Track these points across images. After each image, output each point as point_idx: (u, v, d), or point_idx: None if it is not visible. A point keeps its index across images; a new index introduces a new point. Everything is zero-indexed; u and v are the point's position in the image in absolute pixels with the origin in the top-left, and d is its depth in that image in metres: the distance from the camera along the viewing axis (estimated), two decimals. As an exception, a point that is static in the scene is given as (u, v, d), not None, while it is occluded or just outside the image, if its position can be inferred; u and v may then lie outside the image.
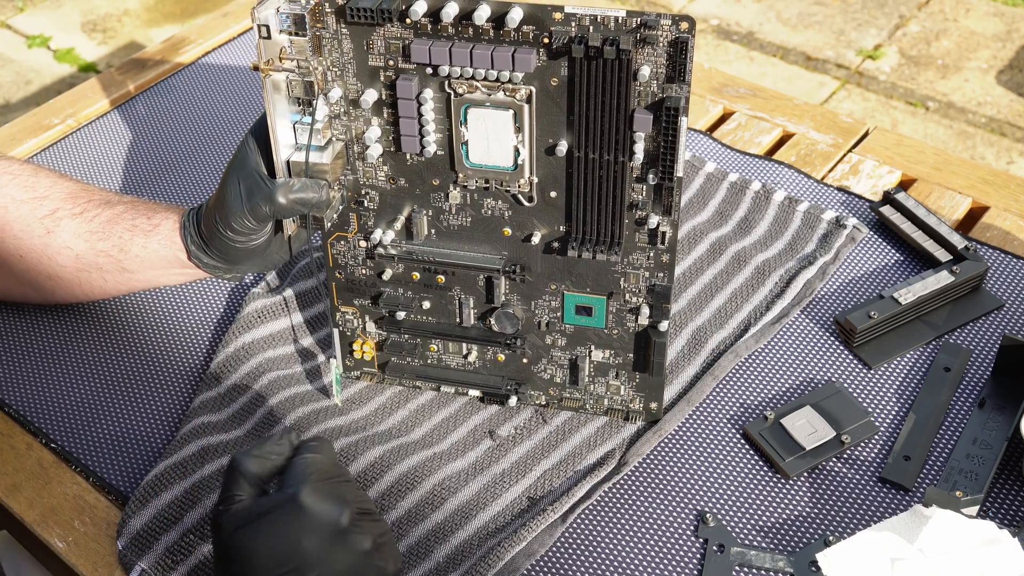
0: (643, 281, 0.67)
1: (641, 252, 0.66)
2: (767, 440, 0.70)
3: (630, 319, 0.69)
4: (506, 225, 0.67)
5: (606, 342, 0.70)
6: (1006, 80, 2.31)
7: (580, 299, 0.68)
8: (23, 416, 0.78)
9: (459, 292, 0.71)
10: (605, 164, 0.62)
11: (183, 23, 2.65)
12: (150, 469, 0.72)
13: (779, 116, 1.01)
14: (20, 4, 2.80)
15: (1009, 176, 0.92)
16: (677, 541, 0.66)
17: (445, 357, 0.74)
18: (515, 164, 0.64)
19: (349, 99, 0.64)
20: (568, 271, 0.68)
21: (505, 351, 0.72)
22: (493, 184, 0.65)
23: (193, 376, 0.79)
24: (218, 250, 0.71)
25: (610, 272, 0.67)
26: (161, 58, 1.16)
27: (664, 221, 0.64)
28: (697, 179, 0.92)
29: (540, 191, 0.65)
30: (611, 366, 0.71)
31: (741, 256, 0.84)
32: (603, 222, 0.64)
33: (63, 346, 0.82)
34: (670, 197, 0.63)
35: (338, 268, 0.72)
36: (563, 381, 0.73)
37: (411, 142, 0.64)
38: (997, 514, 0.66)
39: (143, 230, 0.74)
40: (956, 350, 0.76)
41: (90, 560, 0.69)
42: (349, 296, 0.73)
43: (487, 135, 0.63)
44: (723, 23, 2.56)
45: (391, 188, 0.68)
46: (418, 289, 0.71)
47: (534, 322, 0.71)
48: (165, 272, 0.75)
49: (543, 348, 0.72)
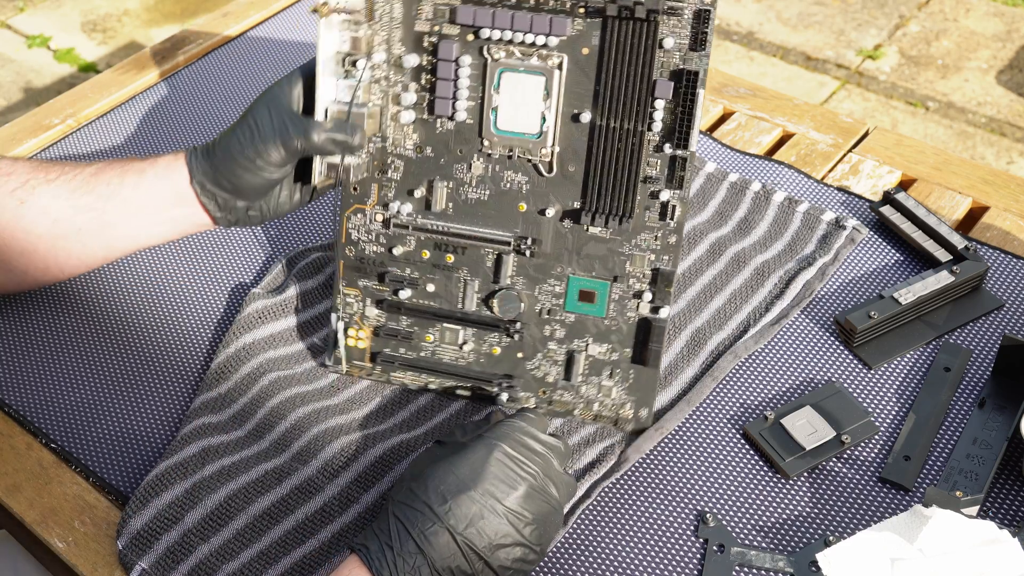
0: (648, 265, 0.68)
1: (649, 233, 0.67)
2: (767, 440, 0.70)
3: (631, 306, 0.69)
4: (523, 199, 0.69)
5: (604, 334, 0.70)
6: (1006, 80, 2.31)
7: (585, 283, 0.69)
8: (23, 416, 0.78)
9: (466, 273, 0.71)
10: (625, 133, 0.66)
11: (183, 23, 2.64)
12: (150, 469, 0.72)
13: (779, 116, 1.01)
14: (20, 4, 2.80)
15: (1009, 176, 0.92)
16: (677, 541, 0.66)
17: (439, 349, 0.74)
18: (540, 131, 0.67)
19: (392, 63, 0.69)
20: (577, 251, 0.69)
21: (503, 339, 0.72)
22: (516, 152, 0.68)
23: (193, 376, 0.79)
24: (228, 177, 0.69)
25: (617, 255, 0.68)
26: (161, 58, 1.16)
27: (675, 196, 0.66)
28: (697, 179, 0.92)
29: (560, 163, 0.68)
30: (606, 363, 0.71)
31: (741, 257, 0.84)
32: (617, 194, 0.67)
33: (63, 346, 0.82)
34: (683, 171, 0.66)
35: (350, 244, 0.73)
36: (555, 380, 0.72)
37: (444, 104, 0.68)
38: (997, 514, 0.66)
39: (136, 170, 0.73)
40: (956, 350, 0.76)
41: (90, 560, 0.69)
42: (355, 276, 0.73)
43: (517, 100, 0.67)
44: (723, 23, 2.56)
45: (416, 157, 0.70)
46: (426, 269, 0.72)
47: (535, 310, 0.71)
48: (154, 218, 0.73)
49: (540, 341, 0.72)
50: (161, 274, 0.88)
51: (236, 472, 0.70)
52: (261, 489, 0.70)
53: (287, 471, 0.71)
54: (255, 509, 0.69)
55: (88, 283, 0.88)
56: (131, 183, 0.73)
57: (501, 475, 0.59)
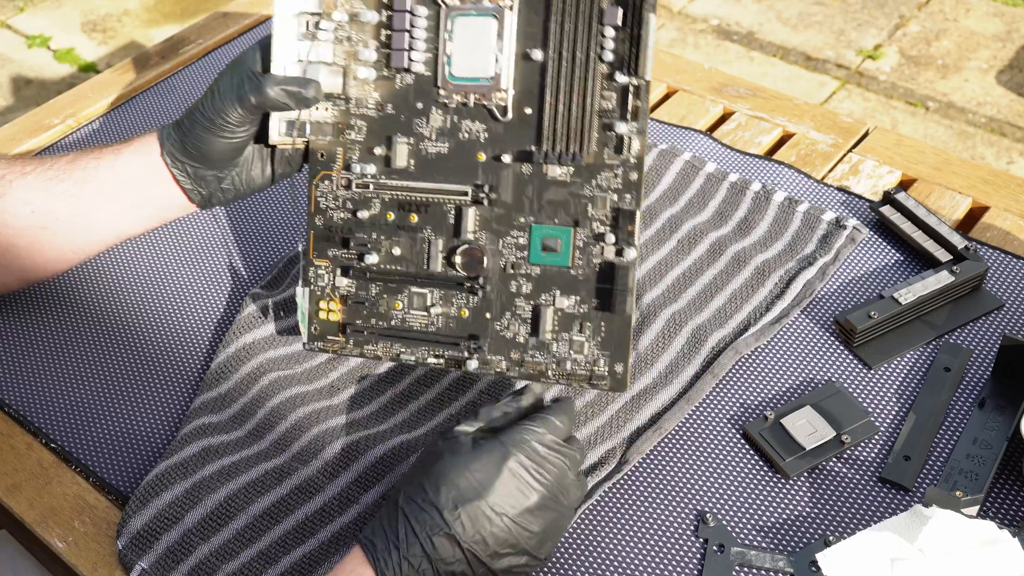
0: (610, 205, 0.67)
1: (609, 171, 0.66)
2: (767, 440, 0.70)
3: (596, 252, 0.67)
4: (481, 149, 0.68)
5: (572, 285, 0.68)
6: (1006, 80, 2.31)
7: (547, 231, 0.68)
8: (23, 416, 0.78)
9: (429, 232, 0.70)
10: (576, 66, 0.65)
11: (183, 23, 2.65)
12: (150, 469, 0.72)
13: (779, 116, 1.01)
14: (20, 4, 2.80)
15: (1009, 176, 0.92)
16: (677, 541, 0.66)
17: (409, 316, 0.72)
18: (494, 74, 0.67)
19: (353, 21, 0.69)
20: (538, 198, 0.68)
21: (470, 300, 0.70)
22: (472, 98, 0.68)
23: (193, 376, 0.79)
24: (194, 143, 0.70)
25: (578, 198, 0.67)
26: (161, 58, 1.16)
27: (632, 129, 0.65)
28: (697, 179, 0.92)
29: (516, 106, 0.67)
30: (576, 316, 0.68)
31: (741, 257, 0.84)
32: (572, 129, 0.66)
33: (63, 346, 0.82)
34: (637, 100, 0.65)
35: (319, 213, 0.73)
36: (525, 340, 0.70)
37: (400, 56, 0.69)
38: (997, 514, 0.66)
39: (112, 151, 0.74)
40: (956, 350, 0.76)
41: (90, 560, 0.69)
42: (324, 247, 0.73)
43: (471, 44, 0.68)
44: (723, 23, 2.56)
45: (379, 116, 0.70)
46: (391, 231, 0.71)
47: (500, 265, 0.69)
48: (131, 198, 0.73)
49: (507, 298, 0.70)
50: (161, 274, 0.88)
51: (236, 472, 0.70)
52: (261, 489, 0.70)
53: (287, 471, 0.71)
54: (255, 509, 0.69)
55: (88, 283, 0.88)
56: (107, 165, 0.73)
57: (513, 485, 0.59)
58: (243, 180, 0.73)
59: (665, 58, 1.11)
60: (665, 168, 0.92)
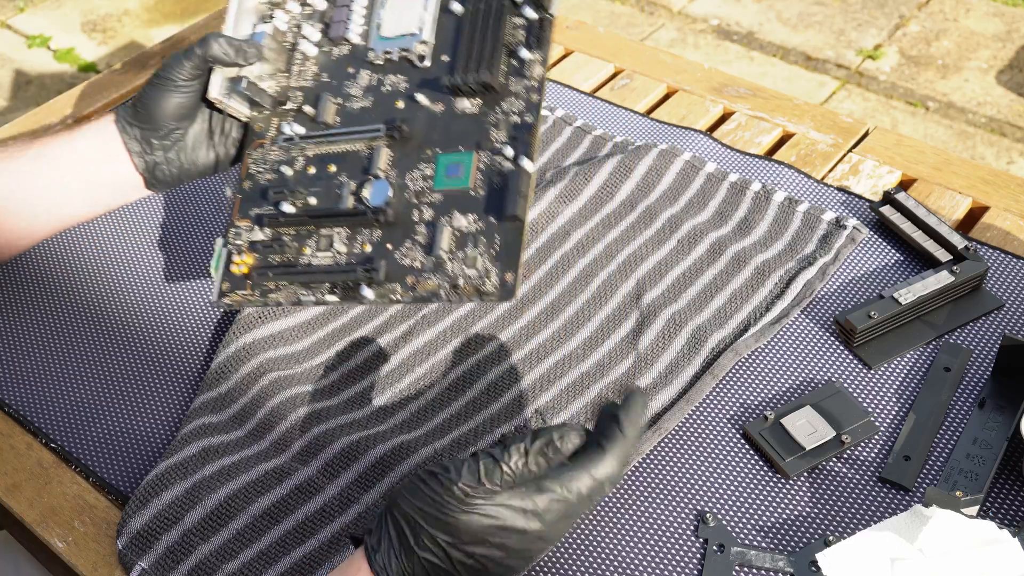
0: (511, 128, 0.69)
1: (514, 97, 0.70)
2: (767, 440, 0.70)
3: (495, 168, 0.69)
4: (401, 98, 0.73)
5: (470, 204, 0.69)
6: (1006, 80, 2.31)
7: (451, 157, 0.71)
8: (23, 416, 0.78)
9: (345, 177, 0.73)
10: (489, 10, 0.72)
11: (183, 23, 2.64)
12: (150, 469, 0.72)
13: (779, 116, 1.01)
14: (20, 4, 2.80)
15: (1009, 176, 0.92)
16: (677, 541, 0.66)
17: (315, 259, 0.72)
18: (418, 30, 0.74)
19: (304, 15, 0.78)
20: (445, 130, 0.71)
21: (374, 233, 0.71)
22: (396, 53, 0.74)
23: (193, 376, 0.79)
24: (144, 101, 0.74)
25: (482, 124, 0.71)
26: (161, 58, 1.16)
27: (536, 56, 0.70)
28: (697, 179, 0.92)
29: (434, 54, 0.73)
30: (471, 234, 0.68)
31: (741, 256, 0.84)
32: (483, 60, 0.71)
33: (63, 346, 0.82)
34: (541, 30, 0.70)
35: (248, 178, 0.76)
36: (421, 266, 0.70)
37: (339, 26, 0.77)
38: (997, 514, 0.66)
39: (70, 128, 0.76)
40: (956, 350, 0.76)
41: (90, 560, 0.69)
42: (248, 207, 0.76)
43: (399, 10, 0.75)
44: (723, 23, 2.56)
45: (314, 84, 0.77)
46: (310, 183, 0.74)
47: (405, 196, 0.71)
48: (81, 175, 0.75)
49: (408, 226, 0.70)
50: (162, 274, 0.88)
51: (236, 472, 0.71)
52: (261, 489, 0.70)
53: (287, 471, 0.71)
54: (255, 509, 0.69)
55: (88, 283, 0.88)
56: (63, 140, 0.75)
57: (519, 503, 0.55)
58: (187, 156, 0.77)
59: (665, 58, 1.11)
60: (665, 168, 0.92)
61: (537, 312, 0.82)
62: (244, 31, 0.78)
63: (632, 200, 0.90)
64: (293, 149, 0.75)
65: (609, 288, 0.83)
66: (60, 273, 0.89)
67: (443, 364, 0.78)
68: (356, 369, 0.78)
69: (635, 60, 1.11)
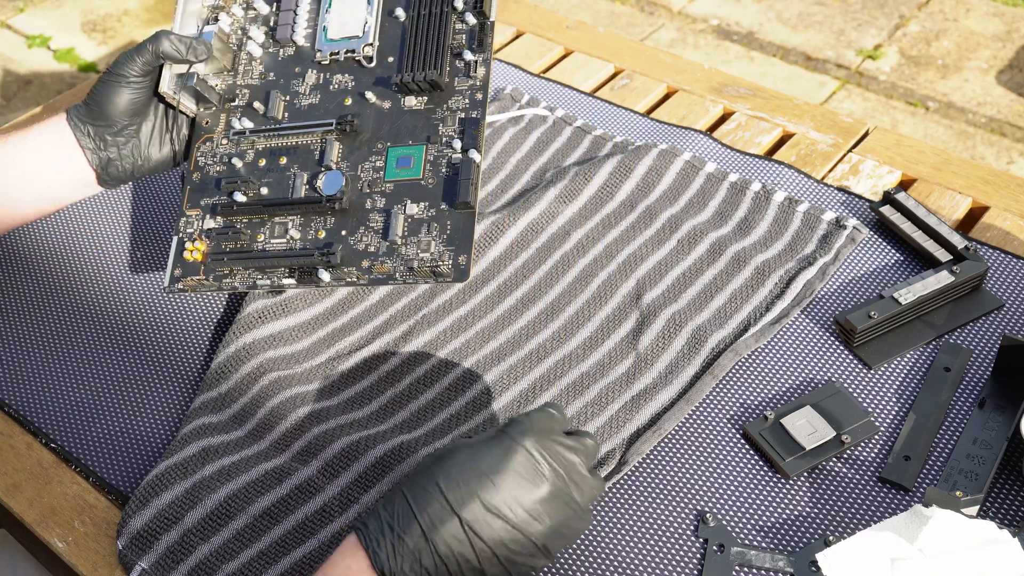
0: (459, 120, 0.74)
1: (459, 96, 0.74)
2: (767, 440, 0.70)
3: (443, 160, 0.74)
4: (349, 95, 0.77)
5: (422, 193, 0.74)
6: (1006, 80, 2.31)
7: (401, 151, 0.75)
8: (23, 416, 0.78)
9: (296, 169, 0.77)
10: (434, 17, 0.76)
11: (183, 23, 2.64)
12: (150, 469, 0.72)
13: (779, 116, 1.01)
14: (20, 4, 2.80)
15: (1009, 176, 0.92)
16: (677, 541, 0.66)
17: (269, 245, 0.75)
18: (363, 32, 0.78)
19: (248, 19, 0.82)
20: (395, 126, 0.75)
21: (328, 221, 0.75)
22: (343, 53, 0.78)
23: (193, 376, 0.79)
24: (96, 98, 0.76)
25: (430, 120, 0.75)
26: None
27: (480, 58, 0.75)
28: (697, 179, 0.92)
29: (380, 55, 0.78)
30: (424, 220, 0.73)
31: (741, 256, 0.84)
32: (428, 62, 0.76)
33: (63, 346, 0.82)
34: (484, 35, 0.76)
35: (197, 170, 0.79)
36: (376, 249, 0.73)
37: (285, 29, 0.80)
38: (997, 514, 0.66)
39: (25, 127, 0.78)
40: (956, 350, 0.76)
41: (90, 560, 0.69)
42: (198, 197, 0.79)
43: (345, 12, 0.79)
44: (723, 23, 2.56)
45: (261, 83, 0.80)
46: (261, 175, 0.77)
47: (358, 186, 0.75)
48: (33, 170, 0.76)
49: (362, 213, 0.74)
50: (161, 274, 0.88)
51: (236, 472, 0.71)
52: (261, 489, 0.70)
53: (287, 471, 0.71)
54: (255, 509, 0.69)
55: (88, 283, 0.88)
56: (16, 139, 0.77)
57: (525, 473, 0.57)
58: (140, 152, 0.79)
59: (665, 58, 1.11)
60: (665, 168, 0.92)
61: (537, 312, 0.82)
62: (190, 32, 0.81)
63: (632, 200, 0.90)
64: (243, 143, 0.78)
65: (609, 288, 0.83)
66: (60, 273, 0.89)
67: (443, 364, 0.78)
68: (356, 369, 0.78)
69: (635, 60, 1.11)
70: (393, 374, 0.78)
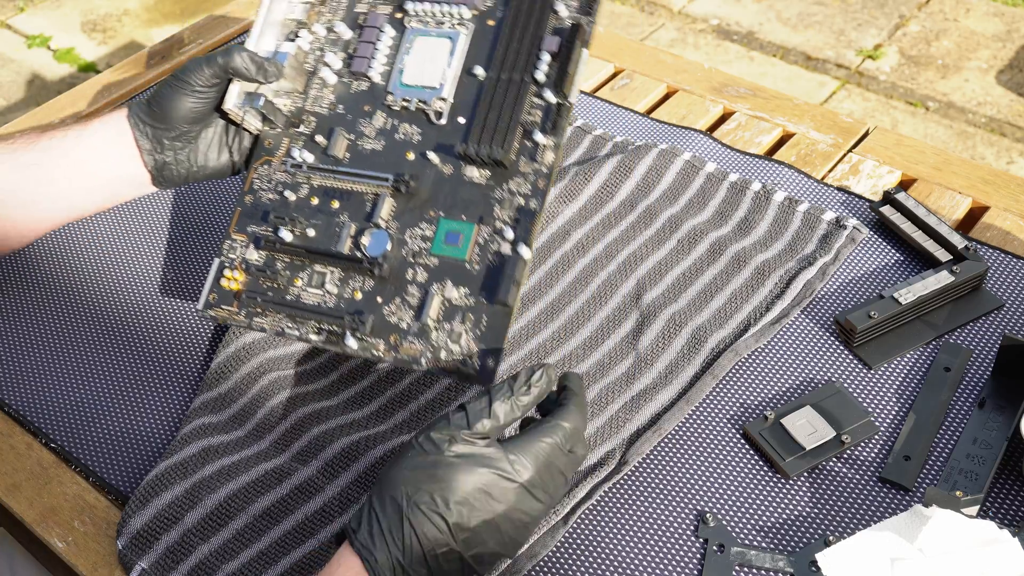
0: (515, 209, 0.69)
1: (522, 178, 0.70)
2: (767, 440, 0.70)
3: (493, 247, 0.69)
4: (412, 149, 0.73)
5: (464, 277, 0.69)
6: (1006, 80, 2.31)
7: (452, 224, 0.71)
8: (23, 416, 0.78)
9: (346, 217, 0.74)
10: (512, 84, 0.70)
11: (183, 23, 2.65)
12: (150, 469, 0.72)
13: (779, 116, 1.01)
14: (20, 4, 2.80)
15: (1009, 176, 0.92)
16: (677, 541, 0.66)
17: (304, 294, 0.73)
18: (439, 84, 0.73)
19: (328, 39, 0.78)
20: (452, 194, 0.71)
21: (366, 282, 0.72)
22: (414, 102, 0.74)
23: (193, 376, 0.79)
24: (159, 100, 0.74)
25: (488, 198, 0.70)
26: (161, 58, 1.16)
27: (550, 141, 0.69)
28: (697, 179, 0.92)
29: (451, 113, 0.73)
30: (461, 308, 0.69)
31: (741, 257, 0.84)
32: (496, 139, 0.70)
33: (63, 346, 0.82)
34: (558, 117, 0.69)
35: (250, 192, 0.77)
36: (408, 327, 0.70)
37: (361, 62, 0.76)
38: (997, 514, 0.66)
39: (82, 121, 0.77)
40: (956, 350, 0.76)
41: (90, 560, 0.69)
42: (246, 223, 0.77)
43: (425, 59, 0.74)
44: (723, 23, 2.56)
45: (329, 114, 0.76)
46: (311, 215, 0.75)
47: (402, 252, 0.71)
48: (92, 167, 0.75)
49: (400, 284, 0.71)
50: (161, 274, 0.88)
51: (236, 472, 0.71)
52: (261, 489, 0.70)
53: (287, 471, 0.71)
54: (255, 509, 0.69)
55: (88, 283, 0.88)
56: (74, 134, 0.75)
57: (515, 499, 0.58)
58: (196, 159, 0.77)
59: (665, 58, 1.11)
60: (665, 168, 0.92)
61: (537, 312, 0.82)
62: (267, 46, 0.77)
63: (632, 200, 0.90)
64: (299, 175, 0.75)
65: (609, 288, 0.83)
66: (60, 273, 0.89)
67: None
68: (356, 369, 0.78)
69: (635, 60, 1.11)
70: (393, 373, 0.78)
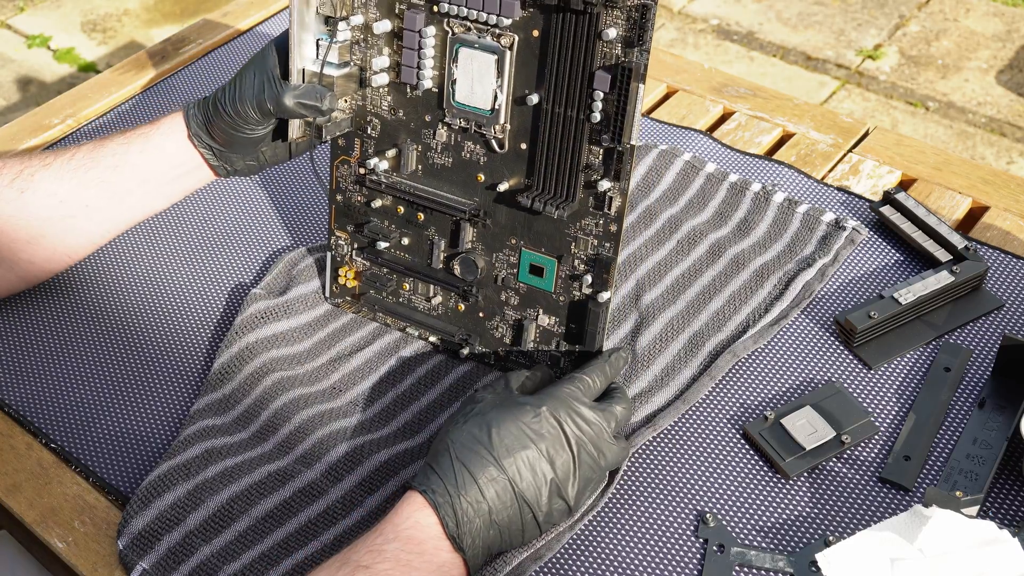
0: (591, 248, 0.70)
1: (591, 218, 0.69)
2: (767, 440, 0.70)
3: (575, 287, 0.72)
4: (481, 171, 0.72)
5: (553, 308, 0.73)
6: (1006, 80, 2.31)
7: (534, 258, 0.72)
8: (23, 416, 0.78)
9: (434, 233, 0.76)
10: (567, 120, 0.67)
11: (183, 23, 2.64)
12: (150, 469, 0.72)
13: (779, 116, 1.01)
14: (20, 4, 2.80)
15: (1009, 176, 0.93)
16: (677, 541, 0.66)
17: (414, 298, 0.78)
18: (492, 108, 0.70)
19: (367, 27, 0.72)
20: (528, 226, 0.72)
21: (464, 300, 0.76)
22: (473, 125, 0.71)
23: (193, 376, 0.79)
24: (218, 133, 0.75)
25: (563, 234, 0.71)
26: (161, 58, 1.16)
27: (614, 188, 0.67)
28: (697, 179, 0.92)
29: (512, 139, 0.71)
30: (554, 335, 0.74)
31: (740, 258, 0.84)
32: (560, 179, 0.69)
33: (63, 346, 0.82)
34: (620, 163, 0.66)
35: (339, 191, 0.79)
36: (511, 342, 0.76)
37: (410, 72, 0.72)
38: (997, 514, 0.66)
39: (141, 135, 0.78)
40: (956, 350, 0.76)
41: (90, 560, 0.69)
42: (344, 221, 0.79)
43: (473, 75, 0.70)
44: (723, 23, 2.56)
45: (391, 119, 0.75)
46: (400, 224, 0.77)
47: (493, 275, 0.74)
48: (164, 177, 0.78)
49: (497, 304, 0.75)
50: (161, 274, 0.88)
51: (239, 474, 0.70)
52: (264, 491, 0.70)
53: (290, 473, 0.71)
54: (258, 511, 0.69)
55: (88, 283, 0.88)
56: (137, 148, 0.77)
57: (558, 438, 0.63)
58: (266, 157, 0.78)
59: (665, 58, 1.11)
60: (665, 168, 0.92)
61: (537, 312, 0.82)
62: (309, 52, 0.73)
63: (632, 200, 0.90)
64: (378, 185, 0.76)
65: (609, 288, 0.83)
66: (60, 273, 0.89)
67: (444, 364, 0.78)
68: (358, 370, 0.78)
69: (635, 60, 1.11)
70: (394, 374, 0.78)
